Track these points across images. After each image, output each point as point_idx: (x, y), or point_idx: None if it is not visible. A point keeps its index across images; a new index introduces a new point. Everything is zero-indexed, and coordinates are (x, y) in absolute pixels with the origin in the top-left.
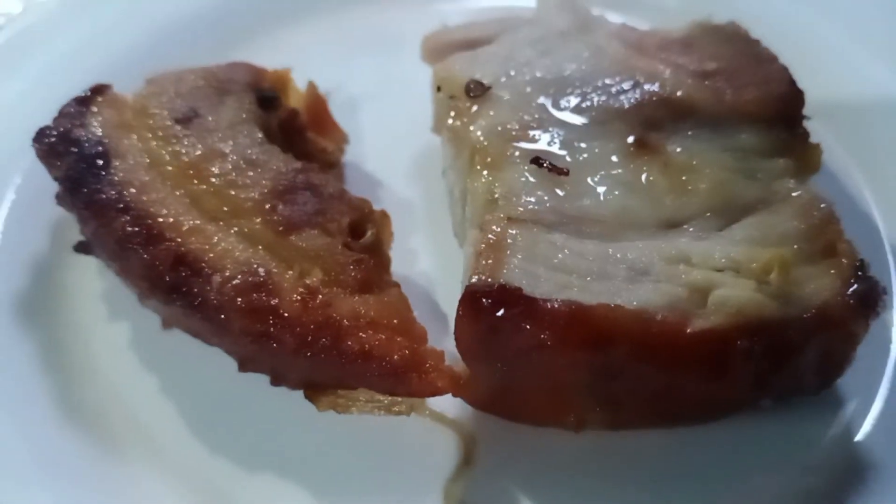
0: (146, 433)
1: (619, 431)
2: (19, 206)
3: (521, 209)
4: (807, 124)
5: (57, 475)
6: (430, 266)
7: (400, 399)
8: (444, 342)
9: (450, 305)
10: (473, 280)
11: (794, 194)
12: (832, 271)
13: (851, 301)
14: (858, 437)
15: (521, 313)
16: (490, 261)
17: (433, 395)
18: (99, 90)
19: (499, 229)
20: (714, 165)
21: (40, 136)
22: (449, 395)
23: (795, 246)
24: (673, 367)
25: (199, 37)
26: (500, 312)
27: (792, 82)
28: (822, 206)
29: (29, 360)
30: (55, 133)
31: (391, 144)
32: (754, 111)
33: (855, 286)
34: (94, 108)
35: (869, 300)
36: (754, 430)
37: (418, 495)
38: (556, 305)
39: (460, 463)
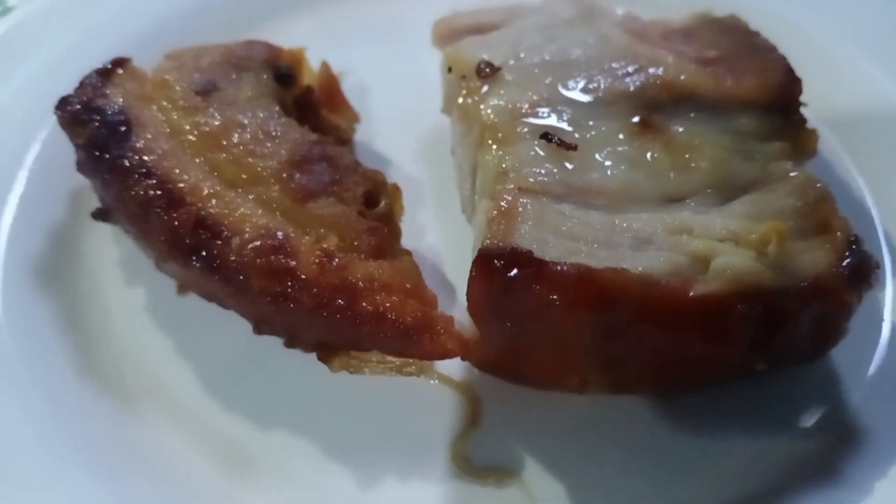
0: (163, 392)
1: (620, 395)
2: (37, 176)
3: (532, 180)
4: (803, 112)
5: (77, 433)
6: (438, 240)
7: (410, 361)
8: (451, 312)
9: (457, 277)
10: (487, 243)
11: (790, 174)
12: (827, 245)
13: (845, 272)
14: (850, 405)
15: (532, 275)
16: (502, 226)
17: (443, 357)
18: (119, 62)
19: (510, 198)
20: (714, 146)
21: (63, 105)
22: (456, 360)
23: (792, 221)
24: (675, 329)
25: (213, 19)
26: (512, 273)
27: (789, 70)
28: (818, 185)
29: (48, 323)
30: (78, 101)
31: (400, 125)
32: (753, 97)
33: (849, 259)
34: (115, 80)
35: (862, 272)
36: (751, 395)
37: (426, 452)
38: (565, 268)
39: (466, 423)
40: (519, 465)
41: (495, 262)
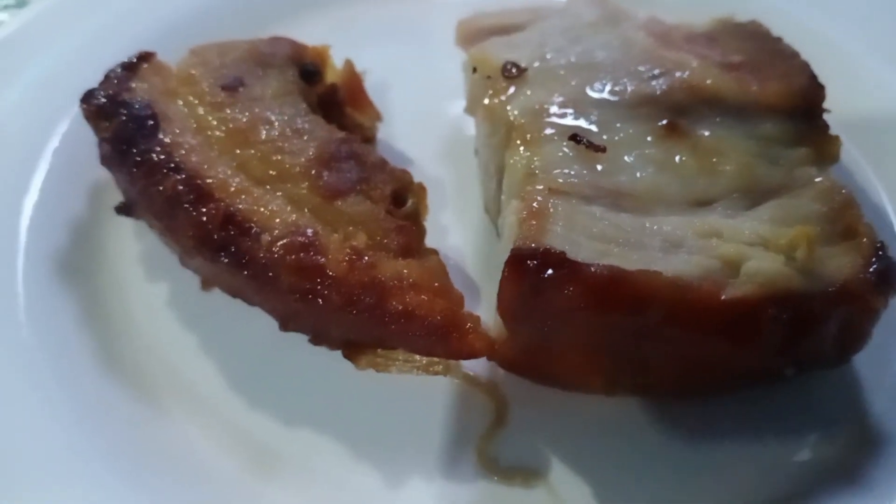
0: (187, 389)
1: (647, 397)
2: (57, 171)
3: (561, 181)
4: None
5: (99, 428)
6: (460, 241)
7: (436, 360)
8: (475, 312)
9: (480, 277)
10: (518, 243)
11: (815, 180)
12: (853, 251)
13: (872, 278)
14: (874, 410)
15: (565, 275)
16: (534, 227)
17: (470, 356)
18: (144, 57)
19: (541, 198)
20: (740, 150)
21: (88, 98)
22: (482, 360)
23: (818, 227)
24: (705, 333)
25: (233, 16)
26: (546, 274)
27: (813, 76)
28: (843, 191)
29: (71, 319)
30: (104, 95)
31: (420, 126)
32: (777, 102)
33: (875, 265)
34: (140, 74)
35: (888, 278)
36: (775, 400)
37: (452, 452)
38: (598, 269)
39: (492, 423)
40: (545, 466)
41: (528, 262)
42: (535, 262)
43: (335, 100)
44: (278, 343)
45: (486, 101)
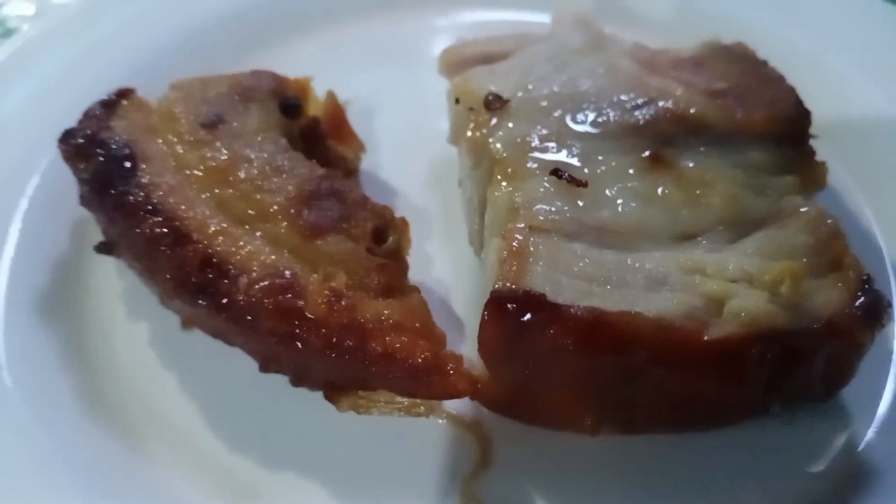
0: (167, 429)
1: (632, 436)
2: (37, 207)
3: (542, 218)
4: (812, 143)
5: (80, 469)
6: (446, 273)
7: (419, 401)
8: (459, 347)
9: (465, 311)
10: (498, 286)
11: (801, 210)
12: (839, 284)
13: (858, 313)
14: (862, 444)
15: (546, 318)
16: (514, 267)
17: (453, 397)
18: (124, 94)
19: (521, 237)
20: (725, 181)
21: (67, 138)
22: (466, 399)
23: (804, 259)
24: (690, 373)
25: (216, 45)
26: (526, 317)
27: (799, 102)
28: (829, 221)
29: (51, 358)
30: (82, 135)
31: (405, 154)
32: (763, 129)
33: (861, 299)
34: (120, 112)
35: (874, 312)
36: (763, 437)
37: (436, 494)
38: (579, 312)
39: (477, 463)
40: None
41: (508, 305)
42: (515, 304)
43: (317, 133)
44: (259, 383)
45: (469, 133)
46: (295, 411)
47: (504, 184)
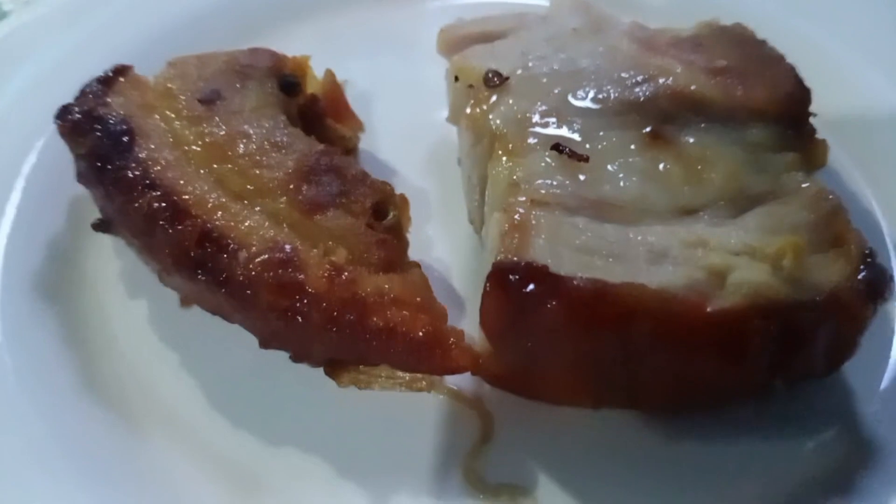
0: (166, 409)
1: (634, 411)
2: (34, 187)
3: (544, 192)
4: (812, 122)
5: (78, 452)
6: (446, 252)
7: (420, 376)
8: (460, 325)
9: (465, 290)
10: (500, 258)
11: (803, 186)
12: (841, 259)
13: (861, 287)
14: (863, 420)
15: (548, 290)
16: (516, 240)
17: (454, 372)
18: (120, 71)
19: (523, 211)
20: (726, 157)
21: (63, 114)
22: (466, 374)
23: (806, 234)
24: (692, 346)
25: (214, 28)
26: (528, 288)
27: (799, 81)
28: (830, 197)
29: (48, 339)
30: (79, 111)
31: (404, 135)
32: (763, 108)
33: (864, 273)
34: (117, 88)
35: (877, 286)
36: (764, 413)
37: (438, 470)
38: (581, 283)
39: (478, 439)
40: (532, 481)
41: (510, 276)
42: (518, 276)
43: (315, 111)
44: (259, 361)
45: (468, 110)
46: (295, 388)
47: (504, 159)
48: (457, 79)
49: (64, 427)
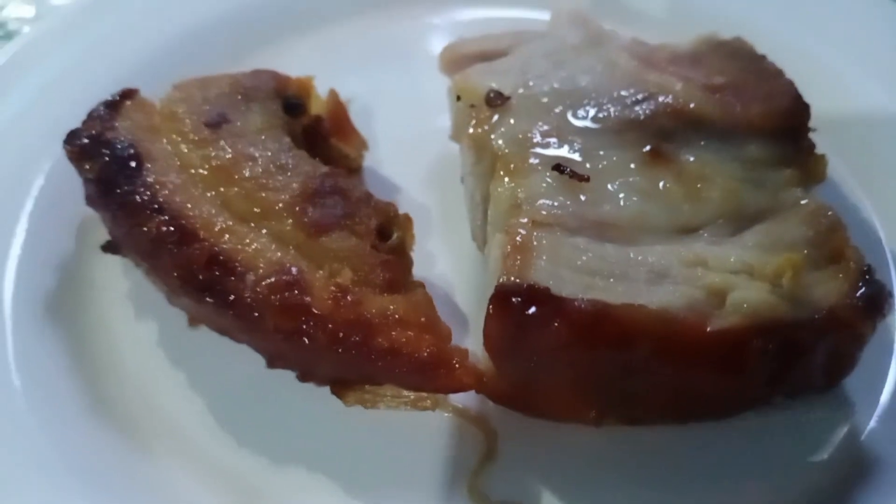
0: (174, 429)
1: (636, 427)
2: (42, 208)
3: (545, 213)
4: (811, 136)
5: (85, 472)
6: (449, 269)
7: (425, 395)
8: (464, 342)
9: (469, 307)
10: (503, 280)
11: (801, 202)
12: (840, 275)
13: (859, 304)
14: (864, 434)
15: (550, 312)
16: (518, 262)
17: (459, 390)
18: (127, 94)
19: (524, 232)
20: (725, 175)
21: (72, 138)
22: (471, 393)
23: (805, 251)
24: (692, 365)
25: (217, 45)
26: (530, 311)
27: (798, 96)
28: (829, 213)
29: (56, 359)
30: (87, 135)
31: (407, 151)
32: (762, 123)
33: (863, 289)
34: (124, 112)
35: (876, 303)
36: (765, 427)
37: (442, 488)
38: (583, 305)
39: (482, 457)
40: (536, 499)
41: (513, 299)
42: (520, 298)
43: (320, 132)
44: (266, 380)
45: (471, 129)
46: (302, 407)
47: (506, 179)
48: (459, 98)
49: (72, 445)
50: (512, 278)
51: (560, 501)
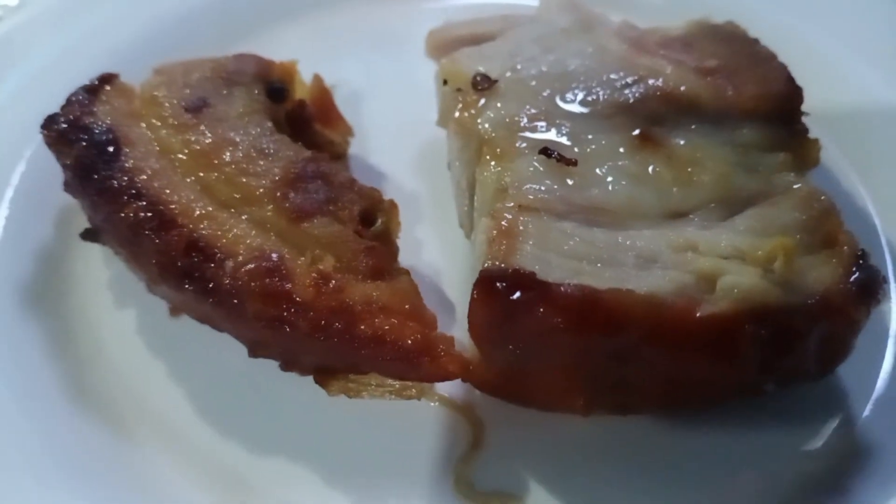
0: (156, 418)
1: (625, 415)
2: (23, 195)
3: (532, 197)
4: (805, 121)
5: (67, 461)
6: (436, 256)
7: (410, 384)
8: (451, 330)
9: (456, 294)
10: (487, 265)
11: (794, 187)
12: (833, 260)
13: (853, 289)
14: (858, 422)
15: (535, 297)
16: (503, 246)
17: (444, 379)
18: (106, 79)
19: (510, 216)
20: (717, 159)
21: (49, 123)
22: (457, 381)
23: (797, 236)
24: (682, 351)
25: (202, 30)
26: (515, 296)
27: (790, 79)
28: (822, 198)
29: (37, 348)
30: (64, 120)
31: (394, 138)
32: (754, 107)
33: (856, 274)
34: (103, 97)
35: (870, 288)
36: (758, 416)
37: (428, 477)
38: (569, 290)
39: (469, 446)
40: (523, 489)
41: (497, 284)
42: (505, 283)
43: (304, 117)
44: (249, 369)
45: (457, 114)
46: (285, 397)
47: (493, 164)
48: (445, 82)
49: (54, 434)
50: (497, 263)
51: (548, 491)
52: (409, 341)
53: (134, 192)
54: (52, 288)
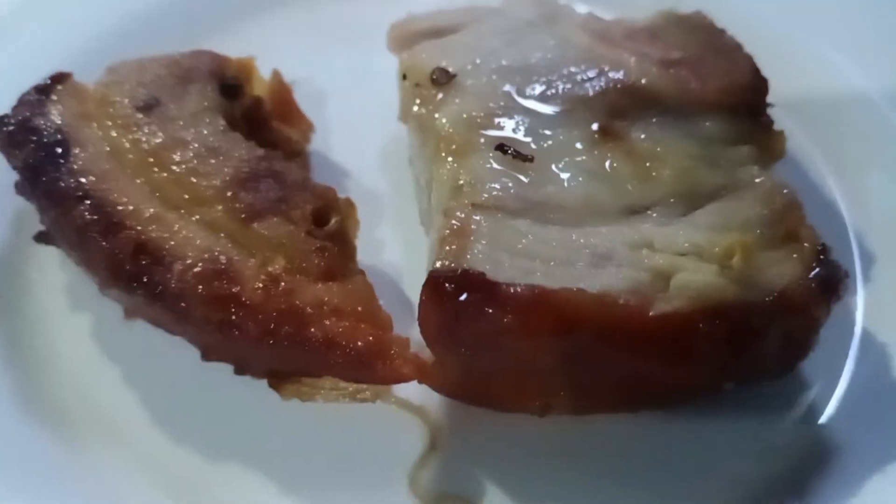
0: (109, 424)
1: (583, 416)
2: None
3: (486, 195)
4: (771, 113)
5: (17, 466)
6: (397, 255)
7: (365, 386)
8: (411, 330)
9: (416, 294)
10: (437, 265)
11: (756, 181)
12: (794, 256)
13: (813, 285)
14: (822, 419)
15: (484, 298)
16: (454, 247)
17: (398, 381)
18: (59, 78)
19: (463, 215)
20: (678, 153)
21: None
22: (414, 382)
23: (758, 231)
24: (636, 351)
25: (165, 27)
26: (463, 297)
27: (756, 71)
28: (785, 192)
29: None
30: (13, 121)
31: (358, 135)
32: (718, 100)
33: (817, 270)
34: (54, 97)
35: (831, 284)
36: (718, 414)
37: (384, 482)
38: (519, 290)
39: (426, 449)
40: (480, 491)
41: (446, 285)
42: (453, 284)
43: (260, 114)
44: (202, 373)
45: (416, 109)
46: (239, 400)
47: (450, 160)
48: (405, 77)
49: (4, 439)
50: (447, 263)
51: (505, 494)
52: (361, 344)
53: (81, 194)
54: (6, 290)
